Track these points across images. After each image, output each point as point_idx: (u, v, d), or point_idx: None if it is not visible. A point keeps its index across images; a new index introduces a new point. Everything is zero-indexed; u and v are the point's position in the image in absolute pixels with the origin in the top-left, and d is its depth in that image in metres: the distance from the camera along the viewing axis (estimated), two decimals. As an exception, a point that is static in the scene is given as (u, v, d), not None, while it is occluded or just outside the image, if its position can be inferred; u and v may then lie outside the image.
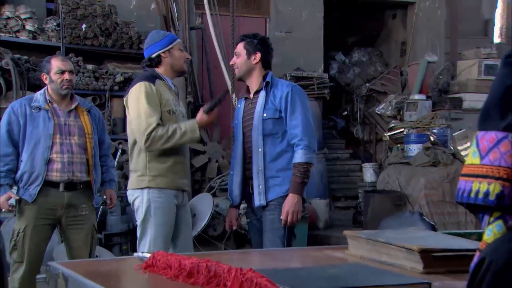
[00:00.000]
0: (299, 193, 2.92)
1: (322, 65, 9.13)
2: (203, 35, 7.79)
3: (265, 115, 3.03)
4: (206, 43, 7.73)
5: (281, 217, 2.92)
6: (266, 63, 3.13)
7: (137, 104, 2.99)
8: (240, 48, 3.13)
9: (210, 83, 7.69)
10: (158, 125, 2.94)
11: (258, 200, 3.03)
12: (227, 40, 6.84)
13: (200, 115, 3.01)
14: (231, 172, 3.15)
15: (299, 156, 2.96)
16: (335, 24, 10.34)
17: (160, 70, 3.13)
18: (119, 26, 7.10)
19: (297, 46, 8.78)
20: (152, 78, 3.06)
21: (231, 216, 3.21)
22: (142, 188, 3.05)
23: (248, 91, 3.16)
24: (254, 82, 3.12)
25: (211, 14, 7.23)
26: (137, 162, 3.11)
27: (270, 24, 8.95)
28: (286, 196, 2.96)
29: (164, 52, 3.11)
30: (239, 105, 3.22)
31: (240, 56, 3.12)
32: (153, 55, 3.11)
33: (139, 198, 3.05)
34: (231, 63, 3.18)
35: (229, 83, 6.69)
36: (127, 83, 7.15)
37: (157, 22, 8.07)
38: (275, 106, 3.01)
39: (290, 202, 2.91)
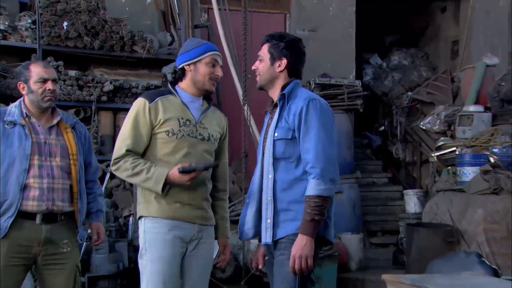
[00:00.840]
0: (309, 234, 2.88)
1: (354, 70, 9.19)
2: (210, 34, 7.91)
3: (276, 134, 3.05)
4: (214, 43, 7.80)
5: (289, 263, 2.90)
6: (293, 72, 3.16)
7: (124, 124, 3.17)
8: (264, 51, 3.18)
9: (217, 93, 7.75)
10: (129, 152, 3.10)
11: (265, 236, 3.02)
12: (239, 41, 6.90)
13: (174, 170, 3.06)
14: (247, 200, 3.19)
15: (310, 187, 2.94)
16: (369, 20, 10.39)
17: (182, 84, 3.29)
18: (108, 24, 7.23)
19: (323, 47, 8.85)
20: (155, 95, 3.21)
21: (258, 254, 3.23)
22: (140, 218, 3.16)
23: (272, 103, 3.21)
24: (276, 94, 3.15)
25: (220, 10, 7.32)
26: (138, 193, 3.23)
27: (291, 21, 9.04)
28: None
29: (189, 65, 3.24)
30: (265, 120, 3.28)
31: (263, 61, 3.17)
32: (179, 67, 3.28)
33: (140, 231, 3.16)
34: (253, 67, 3.24)
35: (240, 92, 6.75)
36: (118, 92, 7.29)
37: (154, 19, 8.19)
38: (289, 124, 3.03)
39: (298, 245, 2.88)
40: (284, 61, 3.11)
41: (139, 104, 3.14)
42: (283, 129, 3.02)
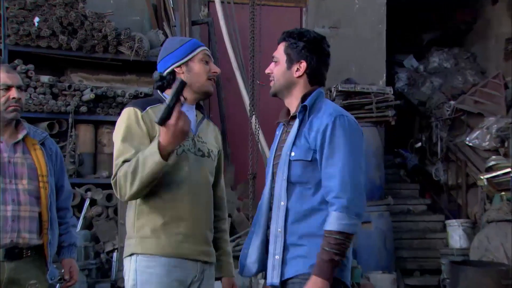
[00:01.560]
0: (324, 276, 2.86)
1: (385, 75, 9.20)
2: (210, 32, 7.94)
3: (293, 154, 3.05)
4: (215, 43, 7.83)
5: None
6: (315, 78, 3.17)
7: (116, 139, 3.14)
8: (280, 51, 3.20)
9: (219, 100, 7.77)
10: (125, 162, 3.06)
11: (271, 276, 3.01)
12: (245, 40, 6.92)
13: (160, 133, 3.03)
14: (252, 229, 3.20)
15: (331, 220, 2.93)
16: (403, 14, 10.40)
17: None
18: (88, 20, 7.27)
19: (347, 47, 8.85)
20: (144, 104, 3.20)
21: None
22: (129, 255, 3.12)
23: (287, 113, 3.23)
24: (293, 103, 3.17)
25: (223, 3, 7.36)
26: (127, 218, 3.20)
27: (308, 16, 9.07)
28: None
29: (179, 67, 3.25)
30: (277, 132, 3.30)
31: (279, 64, 3.19)
32: (166, 72, 3.27)
33: (126, 270, 3.13)
34: (267, 71, 3.24)
35: (247, 101, 6.76)
36: (100, 102, 7.33)
37: (145, 15, 8.24)
38: (309, 143, 3.03)
39: None
40: (304, 65, 3.13)
41: (128, 114, 3.13)
42: (302, 148, 3.03)
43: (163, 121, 2.96)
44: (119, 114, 3.26)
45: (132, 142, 3.07)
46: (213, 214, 3.30)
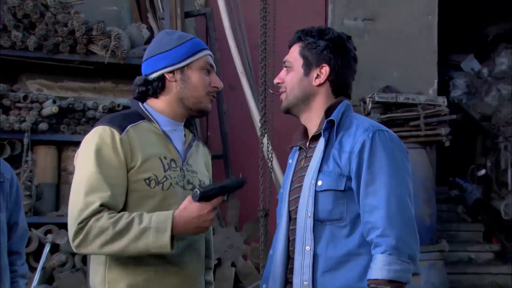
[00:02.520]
0: None
1: (436, 81, 9.19)
2: (209, 27, 7.97)
3: (320, 183, 3.07)
4: (215, 41, 7.84)
5: None
6: (340, 86, 3.22)
7: (81, 166, 3.12)
8: (294, 54, 3.25)
9: (220, 115, 7.77)
10: (103, 207, 3.03)
11: None
12: (254, 37, 6.92)
13: (187, 203, 3.06)
14: (264, 286, 3.24)
15: (378, 266, 2.94)
16: (461, 3, 10.41)
17: (158, 103, 3.30)
18: (50, 11, 7.31)
19: (385, 45, 8.89)
20: (124, 121, 3.19)
21: None
22: None
23: (304, 134, 3.26)
24: (313, 120, 3.21)
25: (224, -12, 7.39)
26: (93, 270, 3.19)
27: (335, 6, 9.08)
28: None
29: (172, 73, 3.27)
30: (290, 160, 3.34)
31: (293, 70, 3.23)
32: (152, 76, 3.28)
33: None
34: (276, 80, 3.29)
35: (256, 115, 6.78)
36: (66, 117, 7.34)
37: (124, 5, 8.26)
38: (340, 168, 3.06)
39: None
40: (326, 70, 3.18)
41: (101, 135, 3.11)
42: (332, 175, 3.06)
43: (205, 197, 3.01)
44: (89, 133, 3.25)
45: (107, 177, 3.06)
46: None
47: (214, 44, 7.77)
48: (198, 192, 2.98)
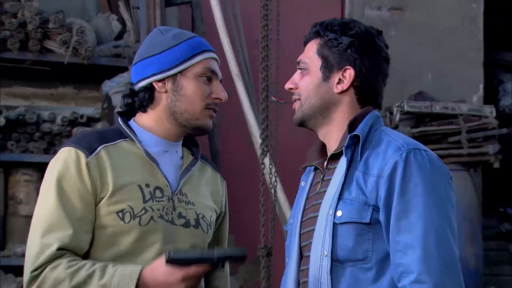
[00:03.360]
0: None
1: (481, 86, 9.24)
2: (195, 17, 8.04)
3: (339, 214, 3.07)
4: (202, 35, 7.84)
5: None
6: (367, 93, 3.24)
7: (41, 199, 3.16)
8: (310, 54, 3.27)
9: (211, 134, 7.74)
10: (62, 252, 3.06)
11: None
12: (253, 32, 7.00)
13: (158, 264, 3.07)
14: None
15: None
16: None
17: (146, 118, 3.36)
18: (-4, -1, 7.37)
19: (418, 41, 8.93)
20: (94, 140, 3.22)
21: None
22: None
23: (322, 152, 3.27)
24: (333, 135, 3.22)
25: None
26: None
27: (355, -8, 9.13)
28: None
29: (163, 81, 3.30)
30: (303, 183, 3.37)
31: (309, 73, 3.24)
32: (140, 85, 3.33)
33: None
34: (287, 86, 3.28)
35: (255, 129, 6.78)
36: (15, 132, 7.33)
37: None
38: (365, 195, 3.06)
39: None
40: (350, 73, 3.19)
41: (65, 159, 3.14)
42: (354, 204, 3.04)
43: (176, 262, 3.00)
44: (46, 152, 3.27)
45: (68, 211, 3.09)
46: None
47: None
48: (167, 255, 2.98)
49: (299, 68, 3.23)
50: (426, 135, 7.91)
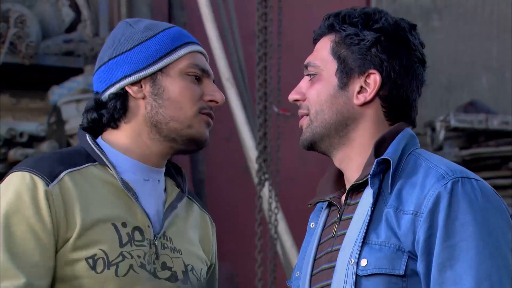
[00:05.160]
0: None
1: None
2: (173, 5, 8.10)
3: (364, 263, 3.07)
4: (183, 26, 7.91)
5: None
6: (397, 106, 3.22)
7: None
8: (323, 54, 3.24)
9: (193, 158, 7.79)
10: None
11: None
12: (248, 25, 6.98)
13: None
14: None
15: None
16: None
17: (120, 137, 3.36)
18: None
19: (468, 35, 9.01)
20: (55, 164, 3.21)
21: None
22: None
23: (338, 182, 3.29)
24: (353, 160, 3.20)
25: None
26: None
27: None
28: None
29: (136, 84, 3.31)
30: (312, 224, 3.37)
31: (320, 79, 3.22)
32: (107, 93, 3.33)
33: None
34: (292, 97, 3.22)
35: (251, 150, 6.78)
36: None
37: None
38: (398, 238, 3.05)
39: None
40: (376, 79, 3.15)
41: (18, 188, 3.13)
42: (384, 250, 3.04)
43: None
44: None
45: (20, 255, 3.09)
46: None
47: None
48: None
49: (308, 74, 3.20)
50: (479, 158, 7.92)
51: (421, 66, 3.24)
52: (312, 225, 3.34)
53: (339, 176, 3.25)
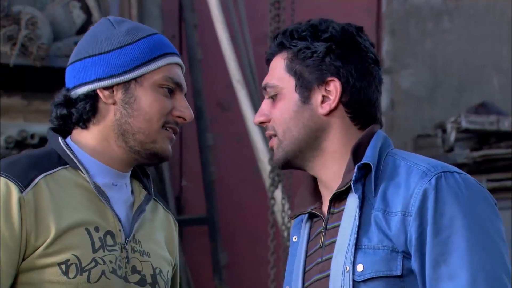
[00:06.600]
0: None
1: None
2: (184, 6, 8.13)
3: (360, 268, 3.07)
4: (193, 30, 7.88)
5: None
6: (361, 108, 3.26)
7: None
8: (279, 72, 3.29)
9: (203, 151, 7.88)
10: None
11: None
12: (259, 25, 6.94)
13: None
14: None
15: None
16: None
17: (89, 138, 3.36)
18: None
19: (479, 35, 8.99)
20: (28, 169, 3.20)
21: None
22: None
23: (315, 194, 3.29)
24: (329, 168, 3.24)
25: None
26: None
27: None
28: None
29: (109, 89, 3.31)
30: (295, 238, 3.38)
31: (281, 98, 3.26)
32: (79, 91, 3.33)
33: None
34: (256, 120, 3.29)
35: (262, 152, 6.75)
36: None
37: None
38: (391, 239, 3.06)
39: None
40: (336, 85, 3.21)
41: None
42: (378, 253, 3.07)
43: None
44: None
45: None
46: None
47: (193, 36, 7.83)
48: None
49: (268, 97, 3.24)
50: (490, 160, 7.90)
51: (376, 66, 3.31)
52: (295, 238, 3.38)
53: (316, 187, 3.30)
